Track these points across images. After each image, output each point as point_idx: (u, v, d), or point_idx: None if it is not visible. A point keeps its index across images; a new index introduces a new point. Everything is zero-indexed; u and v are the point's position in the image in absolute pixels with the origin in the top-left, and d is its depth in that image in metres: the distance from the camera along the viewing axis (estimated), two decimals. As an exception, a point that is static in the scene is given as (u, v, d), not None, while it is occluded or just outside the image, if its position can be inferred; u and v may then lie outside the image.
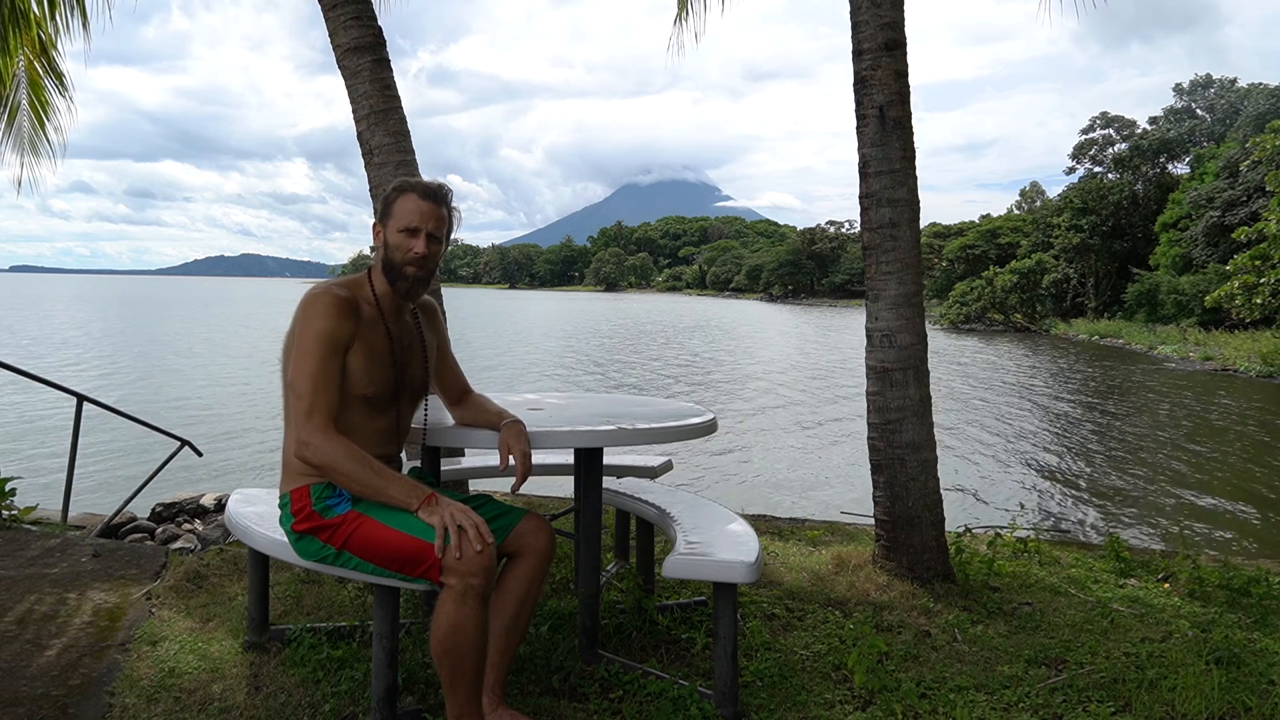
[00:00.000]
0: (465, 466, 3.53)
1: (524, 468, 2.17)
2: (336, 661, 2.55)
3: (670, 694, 2.37)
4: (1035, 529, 4.83)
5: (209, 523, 5.64)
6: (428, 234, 2.15)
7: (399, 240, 2.14)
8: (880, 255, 3.54)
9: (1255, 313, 22.24)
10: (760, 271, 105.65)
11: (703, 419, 2.57)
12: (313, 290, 2.11)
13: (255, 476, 9.56)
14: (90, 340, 29.14)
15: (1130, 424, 13.99)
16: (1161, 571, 3.83)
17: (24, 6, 5.38)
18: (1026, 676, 2.66)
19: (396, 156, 4.11)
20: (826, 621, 3.08)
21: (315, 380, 2.00)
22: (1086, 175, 46.56)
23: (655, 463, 3.51)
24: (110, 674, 2.51)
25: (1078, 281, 42.95)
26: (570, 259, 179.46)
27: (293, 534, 2.12)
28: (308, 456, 1.99)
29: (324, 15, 4.19)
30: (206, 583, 3.34)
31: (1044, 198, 65.97)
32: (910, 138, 3.55)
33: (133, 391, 16.13)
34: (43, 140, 5.96)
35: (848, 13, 3.58)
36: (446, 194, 2.22)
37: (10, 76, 5.56)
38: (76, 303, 65.67)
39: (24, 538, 3.82)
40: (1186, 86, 48.71)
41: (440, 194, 2.20)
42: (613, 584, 3.25)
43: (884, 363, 3.55)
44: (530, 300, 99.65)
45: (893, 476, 3.54)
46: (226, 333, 34.56)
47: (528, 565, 2.20)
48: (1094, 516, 8.45)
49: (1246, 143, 29.71)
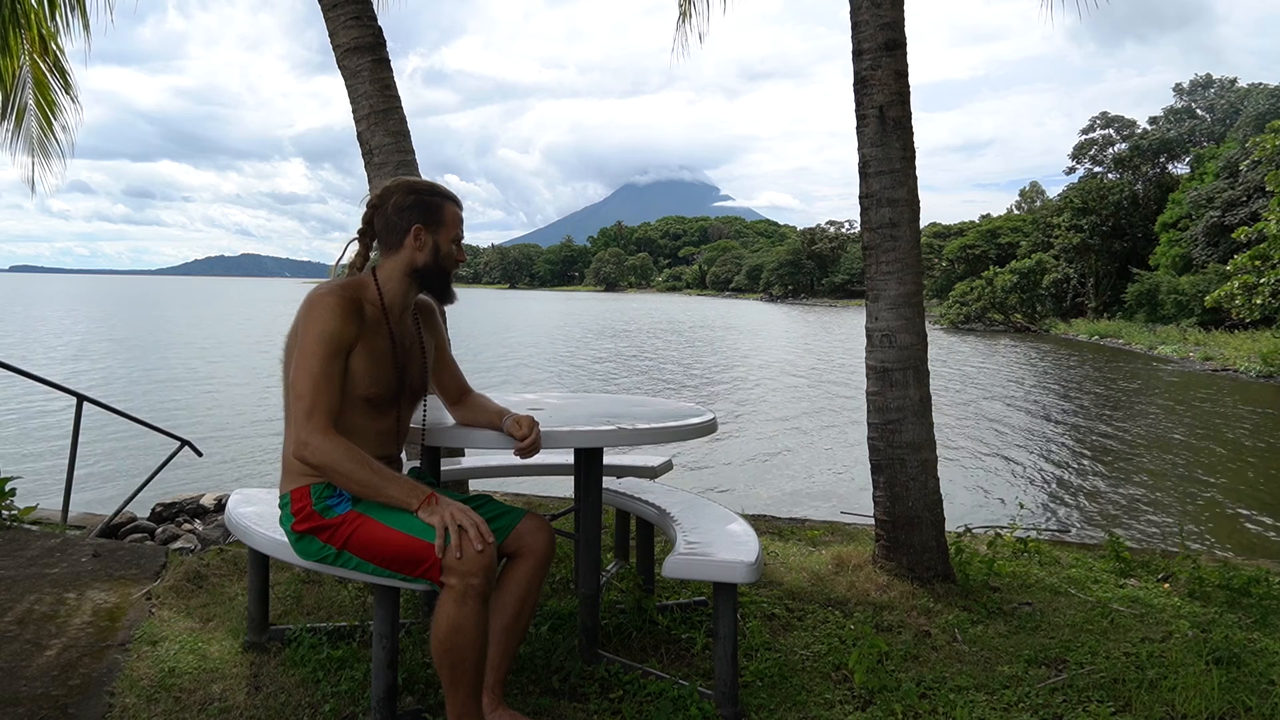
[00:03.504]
0: (465, 466, 3.53)
1: (538, 437, 2.20)
2: (336, 661, 2.55)
3: (670, 694, 2.37)
4: (1035, 529, 4.83)
5: (209, 523, 5.64)
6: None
7: (452, 249, 2.23)
8: (880, 255, 3.54)
9: (1255, 313, 22.24)
10: (760, 271, 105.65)
11: (703, 419, 2.57)
12: (316, 290, 2.10)
13: (255, 476, 9.56)
14: (90, 340, 29.15)
15: (1130, 424, 13.99)
16: (1161, 571, 3.83)
17: (25, 7, 5.39)
18: (1026, 676, 2.66)
19: (396, 156, 4.11)
20: (826, 621, 3.08)
21: (316, 381, 2.00)
22: (1086, 175, 46.57)
23: (655, 463, 3.50)
24: (110, 674, 2.51)
25: (1078, 281, 42.95)
26: (570, 259, 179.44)
27: (293, 534, 2.12)
28: (307, 457, 1.99)
29: (324, 15, 4.19)
30: (206, 583, 3.34)
31: (1044, 198, 65.97)
32: (910, 138, 3.55)
33: (133, 391, 16.13)
34: (51, 140, 5.97)
35: (845, 13, 3.59)
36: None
37: (13, 76, 5.56)
38: (77, 303, 65.65)
39: (24, 538, 3.82)
40: (1186, 86, 48.71)
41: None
42: (613, 584, 3.25)
43: (884, 363, 3.55)
44: (530, 300, 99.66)
45: (893, 476, 3.54)
46: (226, 332, 34.56)
47: (528, 565, 2.20)
48: (1094, 516, 8.45)
49: (1246, 143, 29.70)
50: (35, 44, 5.55)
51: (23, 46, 5.52)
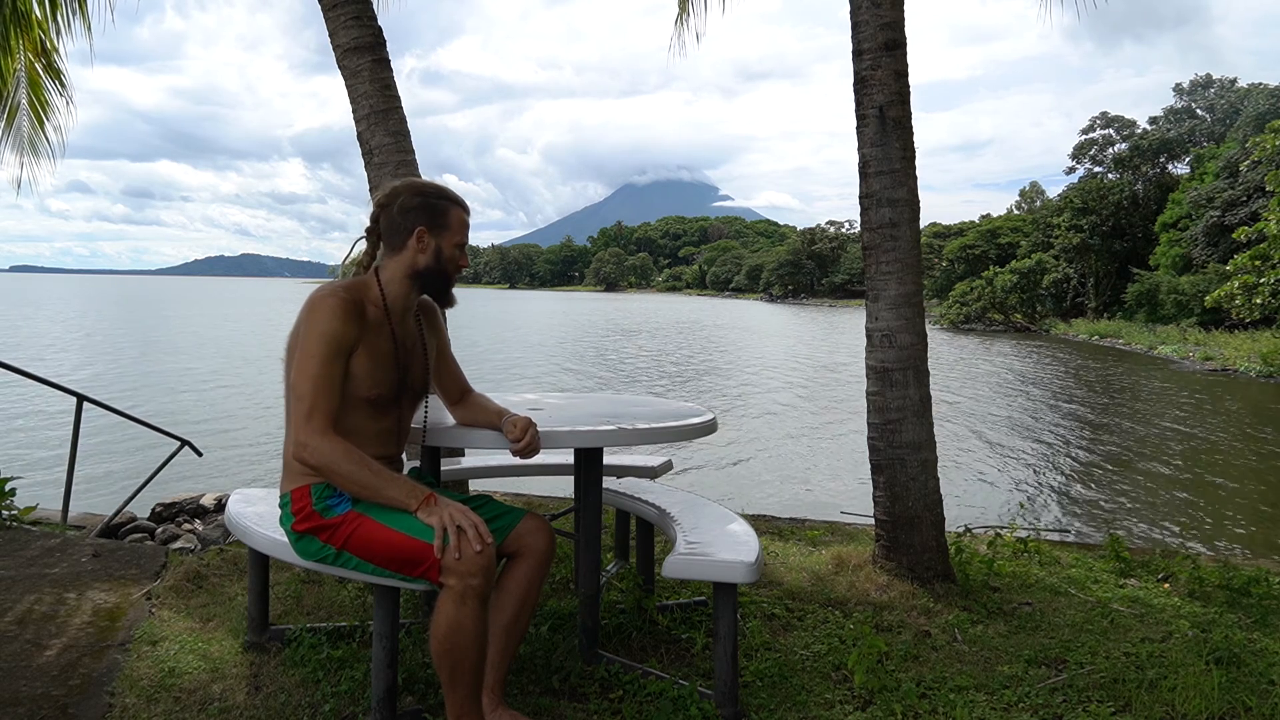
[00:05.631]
0: (465, 466, 3.53)
1: (534, 438, 2.20)
2: (336, 661, 2.55)
3: (670, 694, 2.37)
4: (1035, 529, 4.83)
5: (209, 523, 5.64)
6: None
7: (455, 254, 2.22)
8: (880, 255, 3.54)
9: (1255, 313, 22.24)
10: (760, 271, 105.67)
11: (703, 419, 2.57)
12: (319, 291, 2.10)
13: (255, 476, 9.56)
14: (90, 340, 29.14)
15: (1130, 424, 13.99)
16: (1161, 571, 3.83)
17: (25, 7, 5.38)
18: (1026, 676, 2.66)
19: (397, 156, 4.11)
20: (826, 621, 3.08)
21: (317, 382, 2.00)
22: (1086, 175, 46.55)
23: (655, 463, 3.50)
24: (110, 674, 2.51)
25: (1078, 281, 42.94)
26: (570, 259, 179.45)
27: (293, 534, 2.12)
28: (306, 457, 1.99)
29: (324, 15, 4.19)
30: (206, 583, 3.34)
31: (1044, 198, 65.95)
32: (910, 138, 3.55)
33: (133, 391, 16.12)
34: (42, 140, 5.96)
35: (843, 13, 3.59)
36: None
37: (11, 75, 5.56)
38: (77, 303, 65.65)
39: (24, 538, 3.82)
40: (1186, 86, 48.68)
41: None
42: (613, 584, 3.25)
43: (884, 363, 3.55)
44: (530, 300, 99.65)
45: (893, 476, 3.54)
46: (227, 332, 34.56)
47: (528, 565, 2.20)
48: (1094, 516, 8.45)
49: (1246, 143, 29.70)
50: (34, 44, 5.55)
51: (21, 46, 5.51)
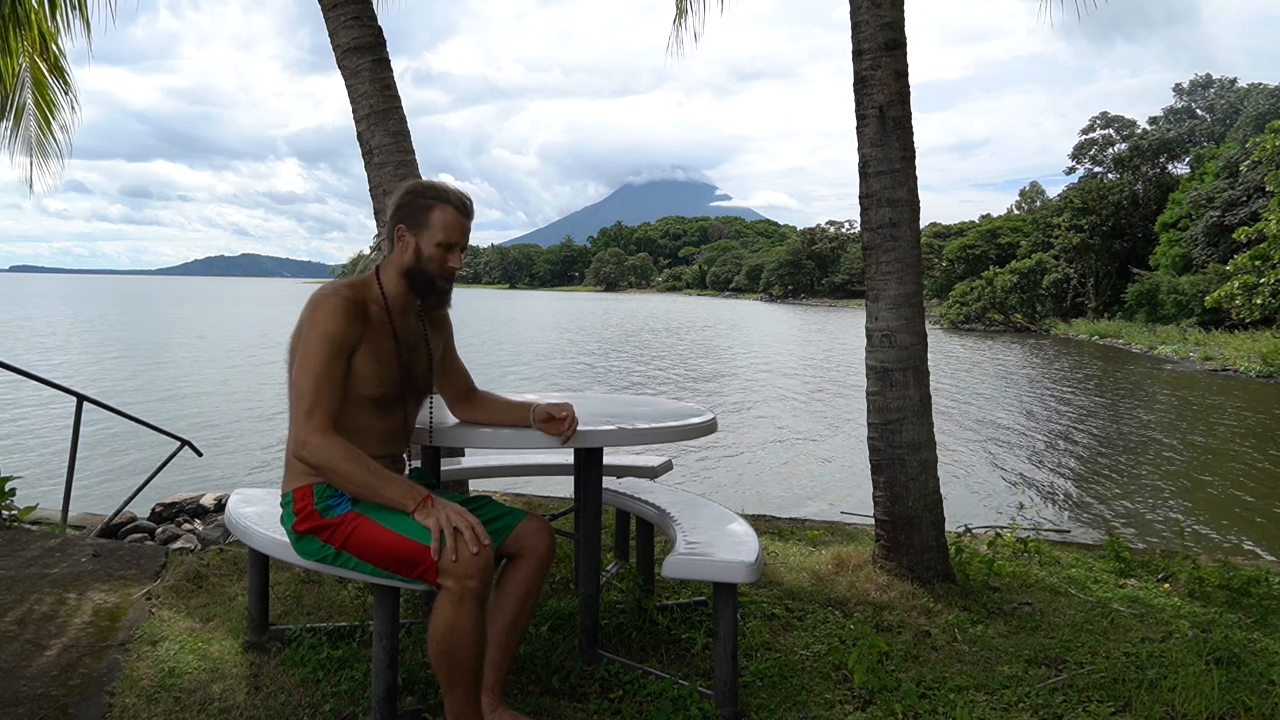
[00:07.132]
0: (465, 466, 3.53)
1: (571, 418, 2.24)
2: (336, 661, 2.55)
3: (670, 694, 2.37)
4: (1035, 529, 4.83)
5: (209, 523, 5.64)
6: (461, 248, 2.19)
7: (435, 253, 2.15)
8: (880, 255, 3.54)
9: (1255, 313, 22.24)
10: (760, 271, 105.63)
11: (703, 419, 2.57)
12: (321, 291, 2.11)
13: (255, 476, 9.56)
14: (90, 339, 29.14)
15: (1130, 424, 13.99)
16: (1161, 571, 3.83)
17: (26, 7, 5.38)
18: (1026, 676, 2.66)
19: (397, 156, 4.11)
20: (826, 621, 3.08)
21: (318, 381, 2.00)
22: (1086, 175, 46.55)
23: (655, 463, 3.50)
24: (110, 674, 2.51)
25: (1078, 281, 42.94)
26: (570, 259, 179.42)
27: (294, 533, 2.12)
28: (305, 456, 1.99)
29: (324, 15, 4.19)
30: (206, 583, 3.34)
31: (1044, 198, 65.95)
32: (910, 138, 3.55)
33: (133, 391, 16.12)
34: (49, 140, 5.98)
35: (837, 13, 3.59)
36: (473, 207, 2.23)
37: (12, 76, 5.56)
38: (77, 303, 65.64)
39: (24, 538, 3.82)
40: (1186, 86, 48.70)
41: (472, 210, 2.22)
42: (613, 584, 3.25)
43: (884, 363, 3.55)
44: (530, 300, 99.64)
45: (893, 476, 3.54)
46: (226, 332, 34.56)
47: (528, 566, 2.20)
48: (1094, 516, 8.45)
49: (1246, 143, 29.70)
50: (35, 44, 5.55)
51: (22, 46, 5.52)
